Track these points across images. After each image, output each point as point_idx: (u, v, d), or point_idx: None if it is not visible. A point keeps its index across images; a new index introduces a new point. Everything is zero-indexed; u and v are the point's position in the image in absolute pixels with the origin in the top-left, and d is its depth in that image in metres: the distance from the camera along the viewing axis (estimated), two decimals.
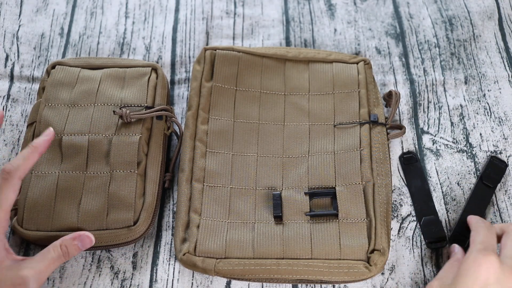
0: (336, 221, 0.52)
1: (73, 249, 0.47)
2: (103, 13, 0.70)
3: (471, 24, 0.68)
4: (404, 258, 0.53)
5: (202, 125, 0.57)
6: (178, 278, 0.52)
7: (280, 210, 0.52)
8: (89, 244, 0.48)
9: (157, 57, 0.66)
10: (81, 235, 0.48)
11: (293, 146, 0.56)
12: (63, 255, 0.47)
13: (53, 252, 0.46)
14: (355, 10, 0.70)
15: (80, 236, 0.48)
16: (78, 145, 0.53)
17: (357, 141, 0.55)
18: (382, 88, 0.64)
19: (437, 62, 0.65)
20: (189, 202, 0.53)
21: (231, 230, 0.51)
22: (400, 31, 0.68)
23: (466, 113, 0.62)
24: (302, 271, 0.49)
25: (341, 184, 0.53)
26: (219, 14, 0.70)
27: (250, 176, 0.55)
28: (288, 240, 0.51)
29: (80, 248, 0.48)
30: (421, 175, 0.57)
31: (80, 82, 0.58)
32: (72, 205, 0.51)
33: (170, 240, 0.54)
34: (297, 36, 0.68)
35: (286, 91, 0.60)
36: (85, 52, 0.67)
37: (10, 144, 0.60)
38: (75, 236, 0.48)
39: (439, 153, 0.59)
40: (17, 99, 0.63)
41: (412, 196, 0.56)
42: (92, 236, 0.48)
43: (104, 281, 0.52)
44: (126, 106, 0.56)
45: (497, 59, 0.65)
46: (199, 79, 0.59)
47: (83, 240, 0.48)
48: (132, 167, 0.53)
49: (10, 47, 0.67)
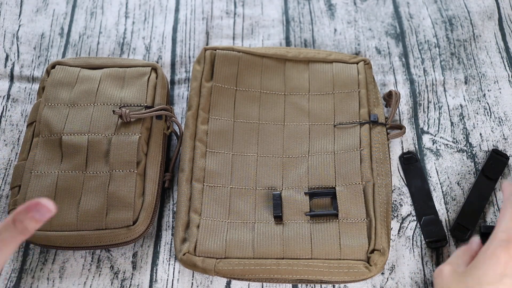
0: (336, 221, 0.52)
1: (31, 222, 0.38)
2: (103, 13, 0.70)
3: (471, 24, 0.68)
4: (404, 258, 0.53)
5: (202, 125, 0.57)
6: (178, 278, 0.52)
7: (280, 210, 0.52)
8: (48, 212, 0.38)
9: (157, 57, 0.66)
10: (36, 204, 0.38)
11: (293, 146, 0.56)
12: (20, 233, 0.38)
13: (5, 233, 0.38)
14: (355, 10, 0.70)
15: (36, 206, 0.38)
16: (77, 144, 0.53)
17: (357, 141, 0.55)
18: (382, 88, 0.64)
19: (437, 62, 0.65)
20: (189, 202, 0.53)
21: (231, 230, 0.51)
22: (400, 31, 0.68)
23: (466, 113, 0.62)
24: (302, 271, 0.49)
25: (341, 184, 0.53)
26: (219, 14, 0.70)
27: (250, 176, 0.55)
28: (288, 240, 0.50)
29: (40, 219, 0.38)
30: (421, 175, 0.57)
31: (80, 82, 0.58)
32: (71, 204, 0.51)
33: (170, 240, 0.54)
34: (297, 36, 0.68)
35: (286, 91, 0.60)
36: (85, 52, 0.67)
37: (10, 144, 0.60)
38: (29, 206, 0.38)
39: (439, 153, 0.59)
40: (17, 99, 0.63)
41: (412, 196, 0.56)
42: (50, 202, 0.38)
43: (104, 281, 0.52)
44: (126, 105, 0.56)
45: (497, 59, 0.65)
46: (199, 79, 0.59)
47: (40, 210, 0.38)
48: (132, 166, 0.53)
49: (10, 47, 0.67)
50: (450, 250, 0.53)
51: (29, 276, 0.52)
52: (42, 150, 0.54)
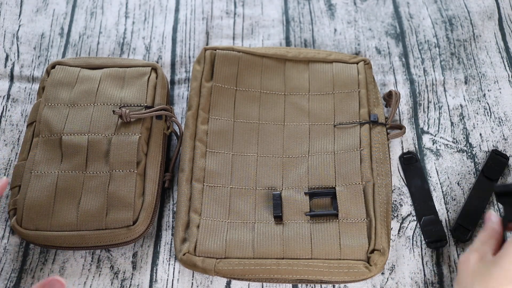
0: (336, 221, 0.52)
1: None
2: (103, 13, 0.70)
3: (471, 24, 0.68)
4: (404, 258, 0.53)
5: (202, 125, 0.57)
6: (178, 278, 0.52)
7: (280, 210, 0.52)
8: None
9: (157, 57, 0.66)
10: (50, 281, 0.42)
11: (293, 146, 0.56)
12: None
13: None
14: (355, 10, 0.70)
15: (49, 282, 0.42)
16: (77, 144, 0.53)
17: (357, 141, 0.55)
18: (382, 88, 0.64)
19: (437, 62, 0.65)
20: (189, 202, 0.53)
21: (231, 230, 0.51)
22: (400, 31, 0.68)
23: (466, 113, 0.62)
24: (302, 271, 0.49)
25: (341, 184, 0.53)
26: (219, 14, 0.70)
27: (250, 176, 0.55)
28: (288, 240, 0.50)
29: None
30: (421, 175, 0.57)
31: (80, 82, 0.58)
32: (71, 204, 0.51)
33: (170, 240, 0.54)
34: (297, 36, 0.68)
35: (286, 91, 0.60)
36: (85, 52, 0.67)
37: (10, 144, 0.60)
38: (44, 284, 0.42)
39: (439, 153, 0.59)
40: (17, 99, 0.63)
41: (412, 196, 0.56)
42: (62, 280, 0.43)
43: (104, 281, 0.52)
44: (126, 105, 0.56)
45: (497, 59, 0.65)
46: (199, 79, 0.59)
47: (52, 286, 0.42)
48: (132, 166, 0.53)
49: (10, 47, 0.67)
50: (450, 250, 0.53)
51: (29, 276, 0.52)
52: (42, 150, 0.54)
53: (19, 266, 0.52)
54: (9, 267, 0.52)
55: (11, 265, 0.53)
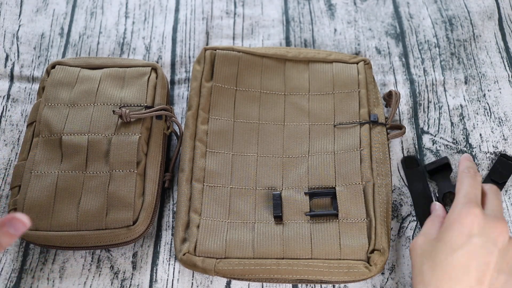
0: (336, 221, 0.52)
1: (5, 238, 0.39)
2: (103, 13, 0.70)
3: (471, 24, 0.68)
4: (404, 258, 0.53)
5: (202, 125, 0.57)
6: (178, 278, 0.52)
7: (280, 210, 0.52)
8: (23, 227, 0.39)
9: (157, 57, 0.66)
10: (11, 219, 0.39)
11: (293, 146, 0.56)
12: None
13: None
14: (355, 10, 0.70)
15: (10, 221, 0.38)
16: (77, 144, 0.53)
17: (357, 141, 0.55)
18: (382, 88, 0.64)
19: (437, 62, 0.65)
20: (189, 202, 0.53)
21: (231, 230, 0.51)
22: (400, 31, 0.68)
23: (466, 113, 0.62)
24: (302, 271, 0.49)
25: (341, 184, 0.53)
26: (219, 14, 0.70)
27: (250, 176, 0.55)
28: (288, 240, 0.50)
29: (14, 235, 0.39)
30: (422, 178, 0.57)
31: (80, 82, 0.58)
32: (71, 204, 0.51)
33: (170, 240, 0.54)
34: (297, 36, 0.68)
35: (286, 91, 0.60)
36: (85, 52, 0.67)
37: (10, 144, 0.60)
38: (4, 222, 0.38)
39: (439, 153, 0.59)
40: (17, 99, 0.63)
41: (414, 200, 0.56)
42: (24, 217, 0.39)
43: (104, 281, 0.52)
44: (126, 105, 0.56)
45: (497, 59, 0.65)
46: (199, 79, 0.59)
47: (14, 225, 0.38)
48: (132, 166, 0.53)
49: (10, 47, 0.67)
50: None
51: (29, 276, 0.52)
52: (42, 150, 0.54)
53: (19, 266, 0.52)
54: (9, 267, 0.52)
55: (11, 265, 0.53)
